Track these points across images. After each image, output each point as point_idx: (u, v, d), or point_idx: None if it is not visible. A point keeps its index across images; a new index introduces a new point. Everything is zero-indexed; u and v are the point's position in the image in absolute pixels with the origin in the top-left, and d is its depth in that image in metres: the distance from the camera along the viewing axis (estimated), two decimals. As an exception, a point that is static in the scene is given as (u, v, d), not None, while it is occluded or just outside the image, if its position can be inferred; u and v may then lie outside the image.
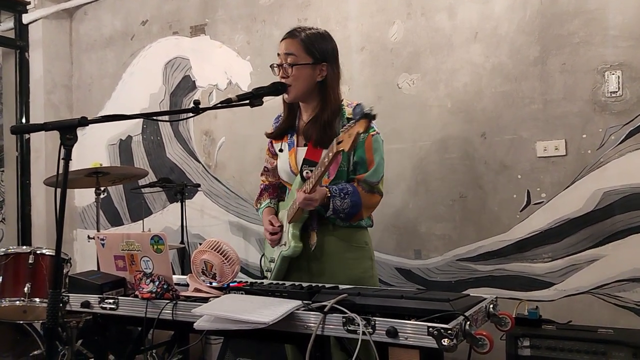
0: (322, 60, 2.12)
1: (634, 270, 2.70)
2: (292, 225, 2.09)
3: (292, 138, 2.20)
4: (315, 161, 2.02)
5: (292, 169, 2.16)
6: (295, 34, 2.14)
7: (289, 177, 2.18)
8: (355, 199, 2.03)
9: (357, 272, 2.11)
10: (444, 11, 3.17)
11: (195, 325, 1.65)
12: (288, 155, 2.18)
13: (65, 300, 2.00)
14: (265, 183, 2.38)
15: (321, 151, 2.04)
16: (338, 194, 2.01)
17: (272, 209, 2.28)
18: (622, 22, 2.76)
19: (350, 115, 2.08)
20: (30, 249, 3.03)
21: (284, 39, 2.16)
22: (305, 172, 2.06)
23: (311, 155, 2.08)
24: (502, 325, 1.65)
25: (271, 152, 2.35)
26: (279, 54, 2.15)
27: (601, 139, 2.80)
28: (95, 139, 4.41)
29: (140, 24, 4.28)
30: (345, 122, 2.00)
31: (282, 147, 2.21)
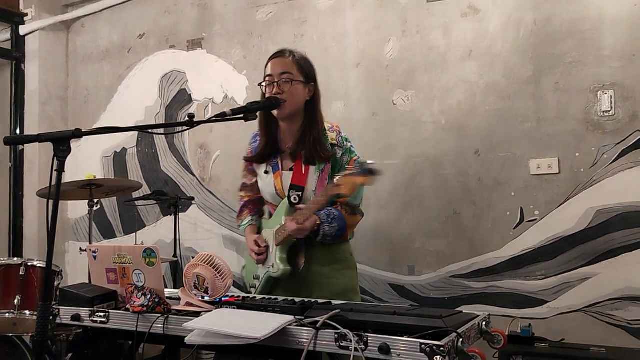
0: (311, 80, 2.19)
1: (627, 289, 2.71)
2: (280, 249, 2.13)
3: (276, 160, 2.21)
4: (301, 186, 2.11)
5: (277, 192, 2.18)
6: (287, 54, 2.19)
7: (274, 199, 2.22)
8: (341, 223, 2.11)
9: (343, 281, 2.18)
10: (438, 29, 3.20)
11: (186, 340, 1.63)
12: (273, 178, 2.20)
13: (55, 313, 1.98)
14: (245, 199, 2.39)
15: (307, 175, 2.11)
16: (326, 219, 2.09)
17: (254, 226, 2.31)
18: (614, 43, 2.80)
19: (334, 141, 2.16)
20: (22, 260, 3.00)
21: (276, 58, 2.19)
22: (292, 197, 2.11)
23: (297, 180, 2.13)
24: (495, 342, 1.64)
25: (249, 171, 2.35)
26: (270, 74, 2.16)
27: (594, 157, 2.82)
28: (90, 150, 4.41)
29: (137, 37, 4.30)
30: (329, 148, 2.13)
31: (267, 169, 2.22)
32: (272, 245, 2.17)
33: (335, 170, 2.14)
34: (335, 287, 2.14)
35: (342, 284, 2.17)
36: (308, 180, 2.12)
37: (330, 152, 2.14)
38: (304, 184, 2.11)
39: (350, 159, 2.15)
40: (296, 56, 2.19)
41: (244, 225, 2.35)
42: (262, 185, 2.26)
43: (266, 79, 2.18)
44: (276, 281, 2.19)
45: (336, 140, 2.17)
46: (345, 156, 2.17)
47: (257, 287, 2.23)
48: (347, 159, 2.15)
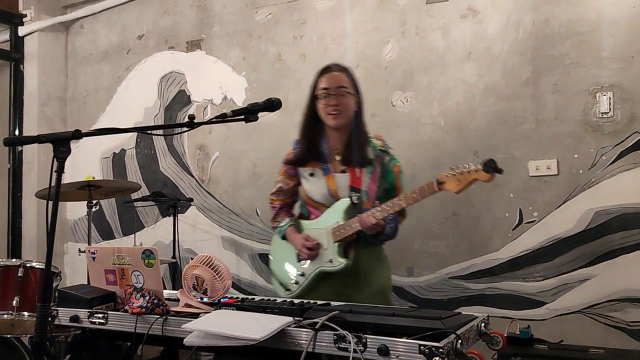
0: (358, 93, 2.36)
1: (626, 290, 2.71)
2: (338, 244, 2.25)
3: (326, 165, 2.34)
4: (359, 187, 2.27)
5: (331, 193, 2.31)
6: (342, 69, 2.35)
7: (326, 200, 2.33)
8: (396, 224, 2.31)
9: (383, 280, 2.36)
10: (437, 31, 3.21)
11: (185, 341, 1.63)
12: (325, 180, 2.32)
13: (54, 315, 1.98)
14: (279, 202, 2.49)
15: (361, 177, 2.27)
16: (388, 221, 2.25)
17: (295, 227, 2.40)
18: (613, 44, 2.80)
19: (382, 147, 2.34)
20: (20, 261, 3.00)
21: (333, 72, 2.32)
22: (354, 198, 2.26)
23: (355, 182, 2.28)
24: (494, 344, 1.64)
25: (289, 175, 2.44)
26: (327, 87, 2.28)
27: (593, 159, 2.82)
28: (89, 152, 4.41)
29: (136, 38, 4.30)
30: (378, 153, 2.32)
31: (314, 172, 2.35)
32: (329, 242, 2.26)
33: (383, 174, 2.33)
34: (377, 284, 2.30)
35: (382, 283, 2.34)
36: (363, 182, 2.28)
37: (380, 158, 2.32)
38: (361, 186, 2.28)
39: (395, 164, 2.37)
40: (348, 71, 2.37)
41: (284, 226, 2.41)
42: (310, 187, 2.36)
43: (322, 91, 2.30)
44: (324, 275, 2.28)
45: (383, 147, 2.36)
46: (391, 162, 2.36)
47: (301, 284, 2.32)
48: (392, 164, 2.35)
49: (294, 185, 2.44)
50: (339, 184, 2.30)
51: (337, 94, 2.27)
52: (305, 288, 2.31)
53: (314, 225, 2.34)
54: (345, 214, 2.24)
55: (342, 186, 2.29)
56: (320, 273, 2.28)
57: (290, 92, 3.61)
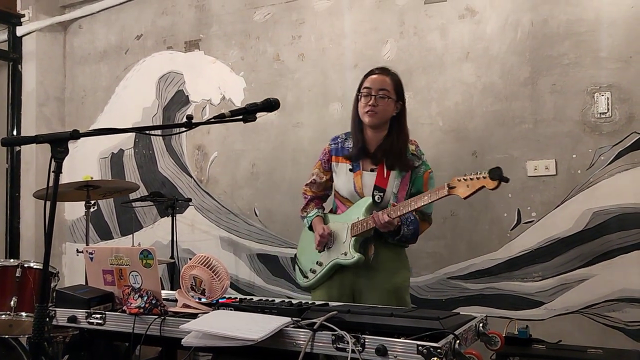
0: (400, 100, 2.43)
1: (624, 290, 2.71)
2: (355, 239, 2.32)
3: (357, 162, 2.42)
4: (383, 188, 2.34)
5: (356, 190, 2.38)
6: (388, 73, 2.42)
7: (351, 196, 2.40)
8: (416, 227, 2.34)
9: (399, 280, 2.39)
10: (436, 31, 3.21)
11: (183, 342, 1.63)
12: (353, 177, 2.40)
13: (51, 315, 1.98)
14: (310, 194, 2.59)
15: (388, 179, 2.35)
16: (405, 221, 2.31)
17: (321, 218, 2.49)
18: (611, 44, 2.80)
19: (414, 152, 2.42)
20: (18, 262, 2.99)
21: (378, 74, 2.41)
22: (376, 197, 2.33)
23: (380, 182, 2.36)
24: (492, 344, 1.65)
25: (324, 168, 2.53)
26: (369, 87, 2.36)
27: (591, 159, 2.82)
28: (87, 152, 4.40)
29: (134, 39, 4.29)
30: (410, 157, 2.38)
31: (352, 167, 2.43)
32: (347, 236, 2.34)
33: (412, 179, 2.39)
34: (393, 283, 2.35)
35: (398, 282, 2.38)
36: (389, 183, 2.35)
37: (412, 163, 2.38)
38: (386, 186, 2.35)
39: (426, 170, 2.42)
40: (394, 77, 2.43)
41: (311, 216, 2.51)
42: (340, 182, 2.45)
43: (364, 90, 2.39)
44: (340, 268, 2.36)
45: (415, 151, 2.43)
46: (421, 167, 2.41)
47: (317, 273, 2.41)
48: (422, 170, 2.41)
49: (327, 179, 2.53)
50: (365, 182, 2.38)
51: (377, 95, 2.35)
52: (321, 278, 2.40)
53: (338, 219, 2.43)
54: (366, 211, 2.31)
55: (367, 184, 2.37)
56: (336, 265, 2.35)
57: (289, 92, 3.61)
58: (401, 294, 2.37)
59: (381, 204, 2.33)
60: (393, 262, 2.39)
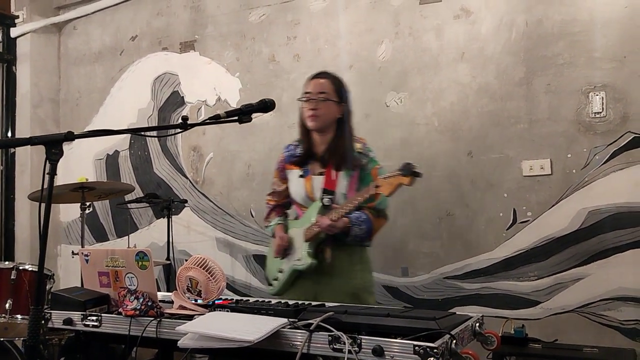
0: (344, 102, 2.43)
1: (619, 289, 2.72)
2: (308, 245, 2.32)
3: (307, 166, 2.44)
4: (332, 190, 2.34)
5: (307, 195, 2.40)
6: (327, 77, 2.44)
7: (304, 201, 2.42)
8: (369, 225, 2.33)
9: (359, 282, 2.38)
10: (431, 31, 3.21)
11: (179, 344, 1.63)
12: (304, 182, 2.41)
13: (47, 317, 1.97)
14: (273, 203, 2.60)
15: (337, 180, 2.34)
16: (356, 222, 2.30)
17: (283, 225, 2.50)
18: (605, 44, 2.82)
19: (360, 149, 2.40)
20: (13, 264, 2.98)
21: (317, 79, 2.43)
22: (325, 200, 2.33)
23: (329, 185, 2.36)
24: (488, 344, 1.65)
25: (280, 177, 2.55)
26: (309, 91, 2.38)
27: (586, 158, 2.83)
28: (82, 153, 4.38)
29: (129, 40, 4.28)
30: (357, 155, 2.37)
31: (302, 173, 2.44)
32: (300, 241, 2.36)
33: (361, 177, 2.38)
34: (353, 285, 2.34)
35: (358, 284, 2.37)
36: (338, 185, 2.35)
37: (359, 162, 2.37)
38: (335, 188, 2.35)
39: (373, 167, 2.39)
40: (335, 80, 2.45)
41: (272, 225, 2.53)
42: (294, 188, 2.46)
43: (304, 95, 2.41)
44: (300, 273, 2.37)
45: (362, 149, 2.41)
46: (369, 164, 2.39)
47: (280, 280, 2.43)
48: (370, 167, 2.39)
49: (285, 187, 2.53)
50: (314, 186, 2.39)
51: (317, 99, 2.36)
52: (284, 285, 2.42)
53: (296, 225, 2.44)
54: (317, 215, 2.32)
55: (317, 188, 2.38)
56: (294, 271, 2.37)
57: (284, 93, 3.61)
58: (363, 296, 2.34)
59: (330, 206, 2.31)
60: (351, 265, 2.37)
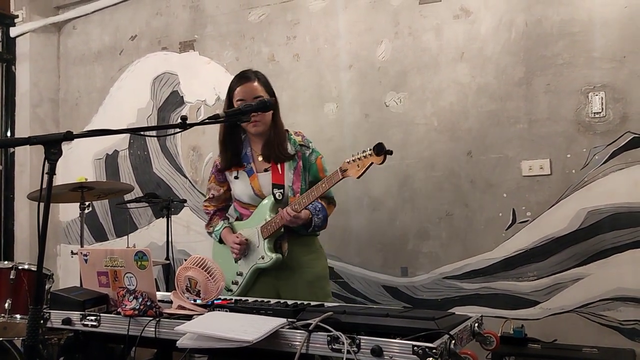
0: (272, 96, 2.42)
1: (618, 289, 2.72)
2: (268, 241, 2.35)
3: (250, 165, 2.44)
4: (281, 184, 2.37)
5: (256, 193, 2.41)
6: (253, 78, 2.41)
7: (253, 200, 2.43)
8: (325, 214, 2.41)
9: (317, 270, 2.42)
10: (431, 31, 3.21)
11: (178, 344, 1.63)
12: (249, 181, 2.42)
13: (46, 317, 1.97)
14: (212, 208, 2.60)
15: (284, 174, 2.38)
16: (314, 212, 2.36)
17: (229, 228, 2.50)
18: (605, 45, 2.81)
19: (302, 142, 2.45)
20: (12, 264, 2.98)
21: (246, 83, 2.39)
22: (277, 195, 2.37)
23: (277, 179, 2.39)
24: (487, 344, 1.65)
25: (219, 181, 2.55)
26: (243, 98, 2.36)
27: (585, 158, 2.83)
28: (82, 153, 4.38)
29: (129, 39, 4.28)
30: (299, 148, 2.42)
31: (238, 174, 2.45)
32: (259, 239, 2.37)
33: (306, 167, 2.43)
34: (311, 274, 2.39)
35: (317, 272, 2.42)
36: (285, 178, 2.39)
37: (291, 153, 2.40)
38: (283, 182, 2.38)
39: (317, 156, 2.46)
40: (261, 78, 2.44)
41: (219, 229, 2.51)
42: (237, 190, 2.47)
43: (238, 103, 2.37)
44: (260, 272, 2.38)
45: (303, 141, 2.46)
46: (312, 155, 2.46)
47: (240, 284, 2.41)
48: (314, 157, 2.46)
49: (225, 190, 2.55)
50: (262, 183, 2.41)
51: None
52: (244, 286, 2.41)
53: (246, 225, 2.44)
54: (270, 211, 2.35)
55: (265, 184, 2.40)
56: (256, 270, 2.38)
57: (284, 93, 3.60)
58: (321, 284, 2.41)
59: (282, 200, 2.36)
60: (308, 254, 2.41)
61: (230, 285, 2.43)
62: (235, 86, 2.41)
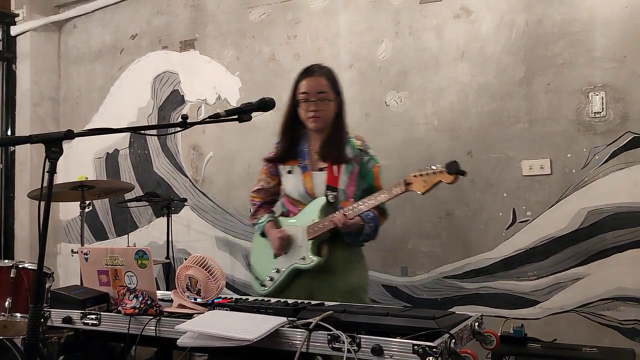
0: (338, 94, 2.38)
1: (618, 289, 2.72)
2: (312, 242, 2.27)
3: (304, 162, 2.37)
4: (335, 187, 2.29)
5: (307, 191, 2.34)
6: (320, 72, 2.36)
7: (303, 198, 2.35)
8: (376, 223, 2.32)
9: (355, 280, 2.33)
10: (431, 31, 3.21)
11: (178, 342, 1.63)
12: (302, 178, 2.35)
13: (46, 316, 1.97)
14: (259, 200, 2.52)
15: (338, 176, 2.30)
16: (367, 221, 2.27)
17: (274, 222, 2.42)
18: (605, 44, 2.81)
19: (361, 146, 2.37)
20: (12, 262, 2.98)
21: (312, 77, 2.34)
22: (330, 197, 2.28)
23: (331, 181, 2.31)
24: (487, 343, 1.65)
25: (270, 173, 2.49)
26: (306, 91, 2.32)
27: (585, 158, 2.83)
28: (82, 152, 4.38)
29: (129, 38, 4.28)
30: (357, 152, 2.35)
31: (292, 169, 2.39)
32: (303, 239, 2.29)
33: (362, 174, 2.35)
34: (349, 283, 2.30)
35: (354, 282, 2.32)
36: (340, 181, 2.30)
37: (349, 156, 2.32)
38: (337, 184, 2.30)
39: (375, 165, 2.38)
40: (328, 74, 2.37)
41: (262, 222, 2.44)
42: (288, 185, 2.40)
43: (301, 96, 2.34)
44: (297, 273, 2.31)
45: (362, 146, 2.38)
46: (370, 162, 2.38)
47: (275, 280, 2.35)
48: (371, 165, 2.37)
49: (275, 184, 2.49)
50: (315, 182, 2.33)
51: (317, 100, 2.31)
52: (279, 285, 2.34)
53: (292, 222, 2.37)
54: (320, 212, 2.27)
55: (318, 184, 2.32)
56: (294, 270, 2.31)
57: (284, 92, 3.55)
58: (359, 295, 2.31)
59: (334, 203, 2.28)
60: (348, 263, 2.33)
61: (264, 281, 2.38)
62: (300, 79, 2.36)
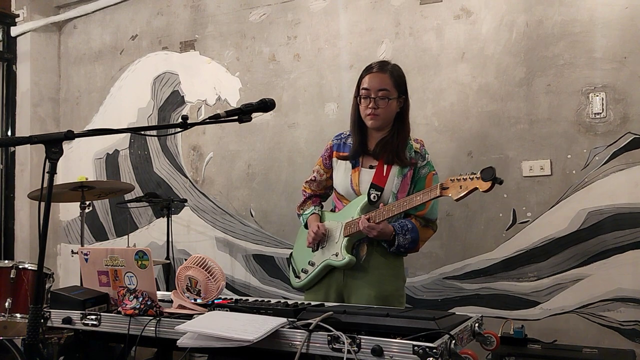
0: (403, 94, 2.30)
1: (618, 290, 2.72)
2: (347, 240, 2.22)
3: (357, 159, 2.31)
4: (381, 186, 2.21)
5: (353, 187, 2.28)
6: (385, 69, 2.28)
7: (347, 193, 2.31)
8: (414, 235, 2.21)
9: (389, 288, 2.25)
10: (431, 31, 3.21)
11: (178, 343, 1.63)
12: (350, 173, 2.30)
13: (46, 316, 1.97)
14: (309, 192, 2.50)
15: (387, 177, 2.22)
16: (400, 231, 2.18)
17: (317, 215, 2.39)
18: (606, 45, 2.81)
19: (418, 150, 2.29)
20: (12, 263, 2.98)
21: (375, 73, 2.27)
22: (372, 196, 2.21)
23: (378, 180, 2.23)
24: (488, 344, 1.65)
25: (325, 165, 2.44)
26: (367, 88, 2.24)
27: (586, 159, 2.83)
28: (82, 152, 4.39)
29: (129, 39, 4.28)
30: (413, 155, 2.26)
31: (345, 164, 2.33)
32: (340, 235, 2.25)
33: (414, 178, 2.26)
34: (380, 290, 2.21)
35: (387, 290, 2.23)
36: (388, 182, 2.22)
37: (410, 160, 2.25)
38: (384, 184, 2.22)
39: (429, 172, 2.29)
40: (393, 72, 2.29)
41: (307, 214, 2.41)
42: (338, 178, 2.35)
43: (362, 92, 2.27)
44: (331, 269, 2.27)
45: (420, 150, 2.29)
46: (425, 167, 2.29)
47: (309, 273, 2.32)
48: (426, 171, 2.28)
49: (327, 178, 2.43)
50: (362, 179, 2.27)
51: (377, 97, 2.23)
52: (312, 278, 2.31)
53: (334, 217, 2.33)
54: (361, 210, 2.21)
55: (364, 181, 2.26)
56: (327, 265, 2.26)
57: (284, 93, 3.61)
58: (390, 303, 2.19)
59: (376, 203, 2.19)
60: (384, 269, 2.24)
61: (299, 273, 2.36)
62: (364, 74, 2.29)
